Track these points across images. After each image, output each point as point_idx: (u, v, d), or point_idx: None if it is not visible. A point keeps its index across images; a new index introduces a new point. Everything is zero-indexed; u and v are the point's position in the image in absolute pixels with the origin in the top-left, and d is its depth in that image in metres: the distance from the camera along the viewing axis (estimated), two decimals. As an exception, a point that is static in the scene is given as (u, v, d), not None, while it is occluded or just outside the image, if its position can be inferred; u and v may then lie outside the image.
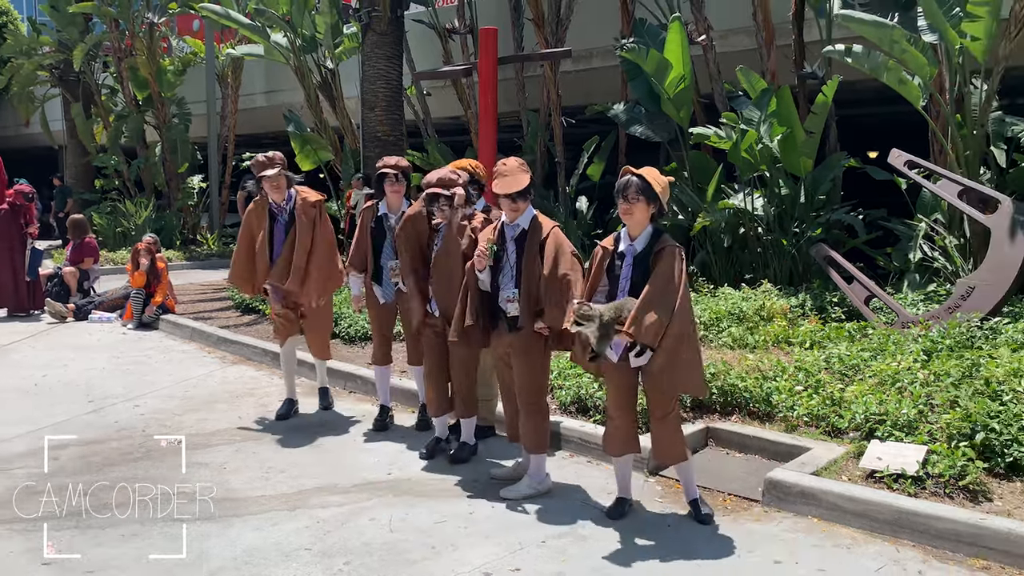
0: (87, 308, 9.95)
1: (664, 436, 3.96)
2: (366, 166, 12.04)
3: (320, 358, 5.99)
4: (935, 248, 7.71)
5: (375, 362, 5.60)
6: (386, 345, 5.56)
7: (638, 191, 3.83)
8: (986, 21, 6.74)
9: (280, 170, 5.49)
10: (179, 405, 6.16)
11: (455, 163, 5.04)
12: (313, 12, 12.94)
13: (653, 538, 3.83)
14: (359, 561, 3.62)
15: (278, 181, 5.49)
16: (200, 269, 14.59)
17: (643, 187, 3.84)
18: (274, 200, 5.57)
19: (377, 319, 5.52)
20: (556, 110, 11.98)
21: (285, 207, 5.58)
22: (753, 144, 8.48)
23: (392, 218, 5.28)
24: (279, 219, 5.59)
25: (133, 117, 17.62)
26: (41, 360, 7.66)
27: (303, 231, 5.53)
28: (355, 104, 13.13)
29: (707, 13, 10.19)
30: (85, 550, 3.73)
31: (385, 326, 5.56)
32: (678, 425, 4.03)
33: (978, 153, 7.47)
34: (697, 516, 3.99)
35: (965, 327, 5.69)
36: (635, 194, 3.82)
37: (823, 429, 4.77)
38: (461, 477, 4.63)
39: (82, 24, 18.22)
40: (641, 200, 3.82)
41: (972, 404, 4.32)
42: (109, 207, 17.45)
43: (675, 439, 3.98)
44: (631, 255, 3.88)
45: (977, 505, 3.84)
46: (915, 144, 7.71)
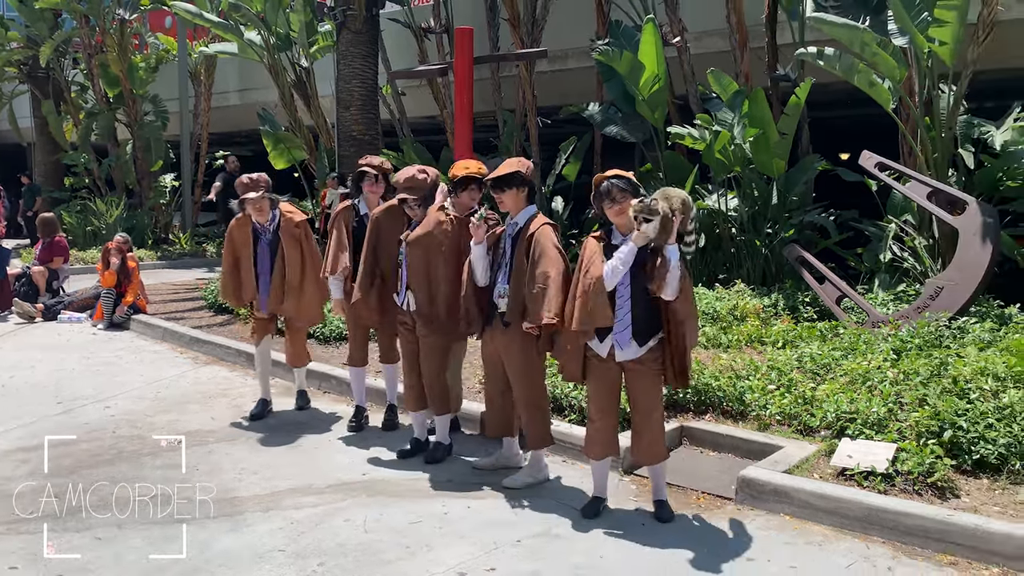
0: (56, 308, 9.80)
1: (647, 435, 3.99)
2: (341, 165, 11.97)
3: (298, 365, 5.94)
4: (905, 249, 7.83)
5: (351, 363, 5.56)
6: (363, 346, 5.52)
7: (623, 190, 3.87)
8: (953, 26, 6.85)
9: (263, 193, 5.47)
10: (151, 406, 6.09)
11: (463, 163, 4.82)
12: (287, 10, 12.84)
13: (627, 536, 3.84)
14: (333, 562, 3.61)
15: (260, 204, 5.49)
16: (172, 268, 14.42)
17: (626, 186, 3.89)
18: (257, 221, 5.56)
19: (355, 321, 5.45)
20: (532, 110, 12.00)
21: (269, 227, 5.58)
22: (727, 145, 8.55)
23: None
24: (263, 238, 5.58)
25: (104, 115, 17.36)
26: (8, 361, 7.53)
27: (291, 250, 5.52)
28: (330, 103, 13.05)
29: (681, 15, 10.26)
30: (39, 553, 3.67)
31: (363, 327, 5.50)
32: (662, 425, 4.08)
33: (946, 155, 7.59)
34: (660, 515, 4.03)
35: (934, 326, 5.78)
36: (621, 194, 3.86)
37: (795, 428, 4.82)
38: (436, 477, 4.62)
39: (51, 20, 17.90)
40: (628, 197, 3.85)
41: (940, 402, 4.39)
42: (79, 205, 17.18)
43: (658, 438, 4.02)
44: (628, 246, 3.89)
45: (945, 502, 3.90)
46: (885, 146, 7.81)
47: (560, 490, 4.43)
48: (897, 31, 7.37)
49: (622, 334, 3.87)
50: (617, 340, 3.88)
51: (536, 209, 4.36)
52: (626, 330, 3.87)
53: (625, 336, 3.87)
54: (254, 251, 5.58)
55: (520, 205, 4.30)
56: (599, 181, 3.96)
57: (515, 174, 4.26)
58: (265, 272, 5.58)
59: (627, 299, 3.86)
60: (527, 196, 4.33)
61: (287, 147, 13.63)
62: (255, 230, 5.59)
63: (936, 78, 7.55)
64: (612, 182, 3.92)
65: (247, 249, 5.59)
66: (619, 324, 3.87)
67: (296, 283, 5.52)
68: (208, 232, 17.69)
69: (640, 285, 3.83)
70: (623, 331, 3.87)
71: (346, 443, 5.26)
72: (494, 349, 4.41)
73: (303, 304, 5.60)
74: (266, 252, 5.56)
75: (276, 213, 5.59)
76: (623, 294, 3.86)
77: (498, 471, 4.64)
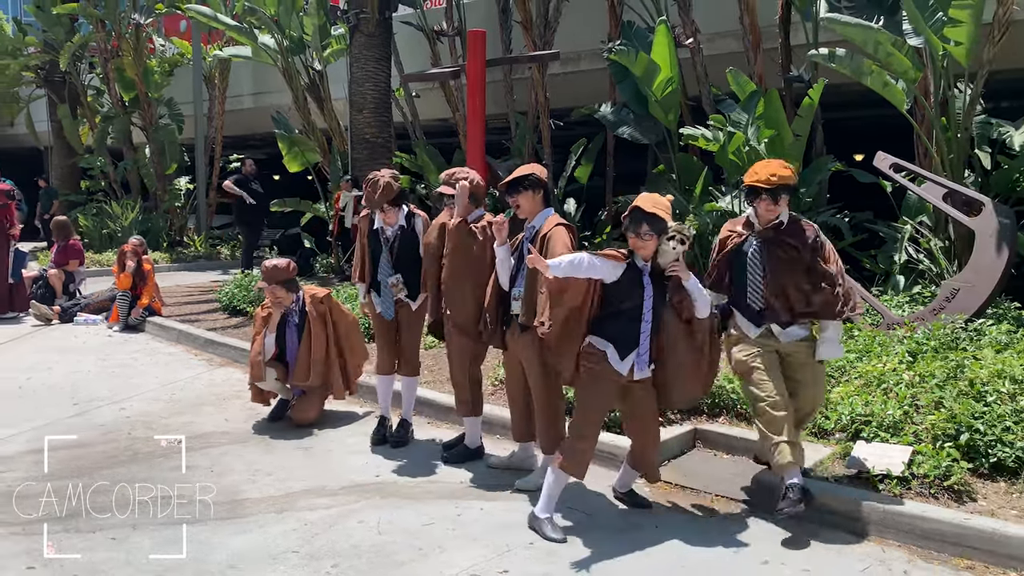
0: (73, 310, 9.88)
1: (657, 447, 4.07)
2: (354, 168, 12.01)
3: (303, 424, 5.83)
4: (920, 250, 7.77)
5: (378, 371, 5.45)
6: (390, 354, 5.41)
7: (651, 233, 3.78)
8: (968, 26, 6.80)
9: (275, 286, 5.58)
10: (165, 408, 6.13)
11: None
12: (301, 13, 12.90)
13: (641, 538, 3.83)
14: (347, 564, 3.62)
15: (278, 294, 5.61)
16: (187, 271, 14.52)
17: (656, 231, 3.79)
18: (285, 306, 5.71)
19: (379, 327, 5.38)
20: (544, 112, 11.99)
21: (295, 308, 5.69)
22: (740, 147, 8.52)
23: (388, 231, 5.16)
24: (291, 320, 5.69)
25: (119, 118, 17.51)
26: (26, 363, 7.60)
27: (317, 326, 5.62)
28: (343, 106, 13.09)
29: (694, 16, 10.23)
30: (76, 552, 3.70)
31: (384, 338, 5.38)
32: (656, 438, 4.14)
33: (962, 156, 7.53)
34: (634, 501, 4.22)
35: (950, 328, 5.73)
36: (648, 235, 3.79)
37: (809, 430, 4.79)
38: (448, 479, 4.63)
39: (68, 25, 18.09)
40: (653, 240, 3.80)
41: (957, 405, 4.35)
42: (95, 209, 17.34)
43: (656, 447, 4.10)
44: (646, 272, 3.86)
45: (962, 505, 3.87)
46: (900, 147, 7.76)
47: (571, 493, 4.42)
48: (912, 31, 7.32)
49: (642, 358, 3.87)
50: (637, 363, 3.86)
51: (553, 211, 4.34)
52: (646, 354, 3.88)
53: (644, 360, 3.88)
54: (282, 333, 5.70)
55: (536, 208, 4.28)
56: (635, 209, 3.83)
57: (528, 176, 4.24)
58: (292, 350, 5.67)
59: (649, 323, 3.85)
60: (543, 199, 4.30)
61: (301, 150, 13.69)
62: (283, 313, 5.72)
63: (952, 78, 7.49)
64: (646, 220, 3.78)
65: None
66: (641, 347, 3.86)
67: (320, 358, 5.61)
68: (222, 235, 17.81)
69: (659, 313, 3.85)
70: (644, 355, 3.87)
71: (359, 445, 5.27)
72: (513, 353, 4.40)
73: (331, 377, 5.68)
74: (294, 334, 5.68)
75: (300, 295, 5.72)
76: (648, 318, 3.85)
77: (512, 472, 4.65)
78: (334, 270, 12.39)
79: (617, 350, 3.84)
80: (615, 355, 3.84)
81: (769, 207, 4.09)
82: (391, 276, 5.13)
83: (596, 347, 3.86)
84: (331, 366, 5.66)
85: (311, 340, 5.60)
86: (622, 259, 3.85)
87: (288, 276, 5.64)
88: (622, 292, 3.84)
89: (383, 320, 5.27)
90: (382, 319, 5.28)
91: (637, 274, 3.84)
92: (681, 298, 3.86)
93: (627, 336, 3.84)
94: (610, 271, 3.82)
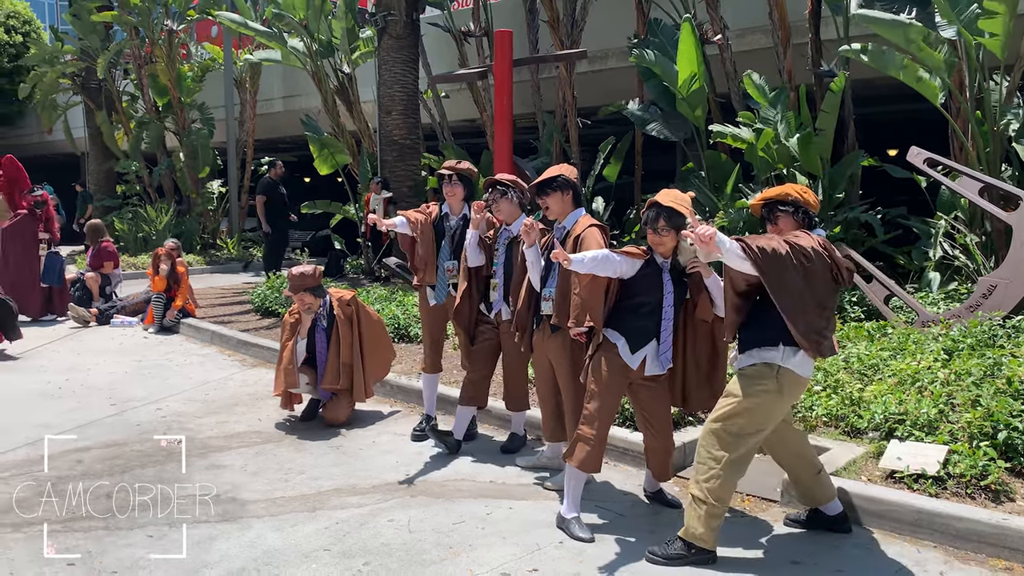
0: (109, 312, 10.07)
1: (669, 447, 4.09)
2: (383, 169, 12.10)
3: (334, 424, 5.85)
4: (955, 246, 7.64)
5: (424, 369, 5.44)
6: (436, 352, 5.41)
7: (667, 228, 3.79)
8: (1004, 17, 6.67)
9: (304, 293, 5.67)
10: (200, 408, 6.23)
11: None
12: (329, 17, 13.02)
13: (669, 538, 3.81)
14: (378, 562, 3.65)
15: (306, 300, 5.69)
16: (220, 273, 14.73)
17: (673, 224, 3.78)
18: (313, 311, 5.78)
19: (428, 323, 5.39)
20: (572, 111, 11.98)
21: (323, 312, 5.75)
22: (770, 143, 8.44)
23: (453, 219, 5.23)
24: (319, 324, 5.75)
25: (153, 123, 17.81)
26: (65, 364, 7.77)
27: (344, 328, 5.69)
28: (372, 108, 13.20)
29: (722, 12, 10.16)
30: (100, 551, 3.78)
31: (436, 330, 5.39)
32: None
33: (999, 150, 7.39)
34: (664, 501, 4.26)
35: (986, 326, 5.63)
36: (665, 229, 3.80)
37: (842, 429, 4.74)
38: (478, 478, 4.65)
39: (103, 32, 18.43)
40: (671, 234, 3.81)
41: (994, 403, 4.28)
42: (130, 212, 17.65)
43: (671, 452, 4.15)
44: (665, 269, 3.89)
45: (999, 505, 3.80)
46: (934, 141, 7.65)
47: (603, 492, 4.42)
48: (944, 23, 7.21)
49: (664, 355, 3.92)
50: (661, 359, 3.91)
51: (584, 211, 4.33)
52: (668, 351, 3.92)
53: (667, 357, 3.93)
54: (312, 337, 5.76)
55: (566, 209, 4.27)
56: (649, 205, 3.85)
57: (557, 177, 4.24)
58: (322, 353, 5.74)
59: (671, 320, 3.89)
60: (572, 199, 4.28)
61: (331, 152, 13.82)
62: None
63: (987, 71, 7.36)
64: (663, 214, 3.78)
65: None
66: (663, 345, 3.90)
67: (347, 361, 5.68)
68: (255, 237, 18.03)
69: (679, 311, 3.93)
70: (666, 352, 3.92)
71: (389, 444, 5.32)
72: (543, 353, 4.39)
73: (357, 381, 5.71)
74: (323, 337, 5.74)
75: (327, 299, 5.78)
76: (668, 315, 3.88)
77: (540, 471, 4.65)
78: (364, 271, 12.48)
79: (629, 343, 3.86)
80: (625, 348, 3.87)
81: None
82: (449, 262, 5.19)
83: (608, 339, 3.90)
84: (357, 369, 5.71)
85: (339, 343, 5.66)
86: (642, 256, 3.86)
87: (315, 283, 5.71)
88: (638, 288, 3.86)
89: (435, 317, 5.30)
90: (434, 315, 5.29)
91: (656, 271, 3.85)
92: (701, 296, 3.86)
93: (640, 331, 3.87)
94: (629, 267, 3.84)
